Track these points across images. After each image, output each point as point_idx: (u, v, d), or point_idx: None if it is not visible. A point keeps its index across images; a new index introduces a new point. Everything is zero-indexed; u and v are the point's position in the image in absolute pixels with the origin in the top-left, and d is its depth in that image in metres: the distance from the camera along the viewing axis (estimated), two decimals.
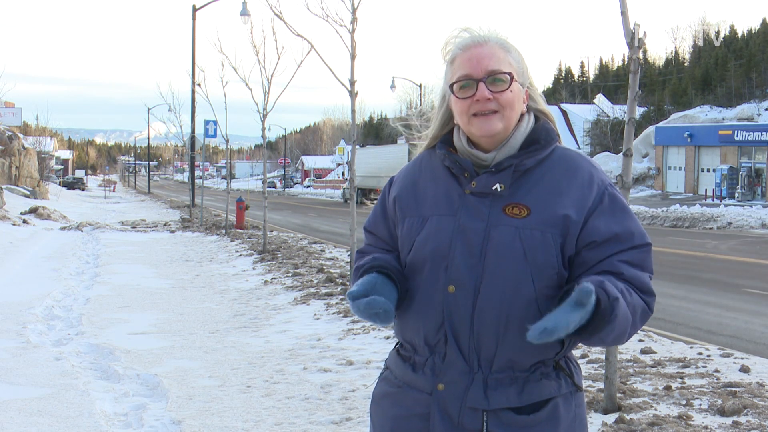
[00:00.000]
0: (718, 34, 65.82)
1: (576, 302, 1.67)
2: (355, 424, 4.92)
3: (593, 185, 1.89)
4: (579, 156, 1.95)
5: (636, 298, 1.83)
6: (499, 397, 1.84)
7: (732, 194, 40.90)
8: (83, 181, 72.31)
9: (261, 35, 16.88)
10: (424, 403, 1.90)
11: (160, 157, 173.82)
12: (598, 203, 1.87)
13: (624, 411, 4.89)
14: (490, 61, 1.87)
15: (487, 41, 1.91)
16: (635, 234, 1.87)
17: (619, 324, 1.77)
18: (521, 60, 1.94)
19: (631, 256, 1.86)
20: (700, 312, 9.59)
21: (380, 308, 1.81)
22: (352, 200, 9.72)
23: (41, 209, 26.28)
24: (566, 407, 1.89)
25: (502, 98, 1.87)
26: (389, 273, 1.92)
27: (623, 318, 1.77)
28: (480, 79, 1.87)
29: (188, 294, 10.41)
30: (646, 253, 1.89)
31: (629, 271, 1.84)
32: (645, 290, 1.86)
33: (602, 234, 1.85)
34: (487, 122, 1.88)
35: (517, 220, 1.85)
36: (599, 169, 1.94)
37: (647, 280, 1.87)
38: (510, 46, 1.93)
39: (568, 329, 1.68)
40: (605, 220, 1.86)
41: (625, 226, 1.87)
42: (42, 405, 5.34)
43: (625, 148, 5.03)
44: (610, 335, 1.77)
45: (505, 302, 1.82)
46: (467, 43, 1.91)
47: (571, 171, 1.90)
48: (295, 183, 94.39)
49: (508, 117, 1.89)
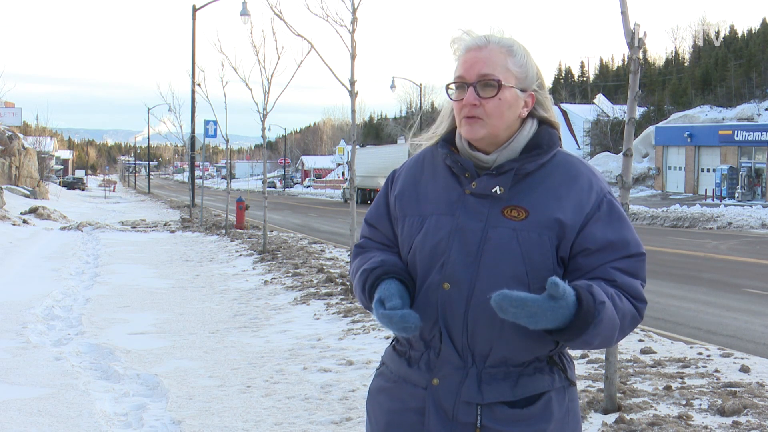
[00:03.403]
0: (718, 34, 65.90)
1: (548, 295, 1.70)
2: (355, 424, 4.92)
3: (592, 192, 1.90)
4: (579, 162, 1.96)
5: (627, 305, 1.85)
6: (492, 392, 1.86)
7: (732, 194, 40.92)
8: (83, 181, 72.29)
9: (261, 35, 16.88)
10: (420, 398, 1.92)
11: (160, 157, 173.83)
12: (596, 210, 1.89)
13: (624, 411, 4.89)
14: (484, 66, 1.88)
15: (488, 44, 1.91)
16: (630, 243, 1.89)
17: (605, 328, 1.79)
18: (526, 63, 1.92)
19: (624, 265, 1.88)
20: (700, 312, 9.59)
21: (413, 324, 1.83)
22: (352, 200, 9.72)
23: (41, 209, 26.28)
24: (559, 401, 1.92)
25: (488, 105, 1.88)
26: (406, 281, 1.93)
27: (609, 322, 1.79)
28: (471, 83, 1.89)
29: (188, 294, 10.42)
30: (641, 262, 1.91)
31: (622, 278, 1.86)
32: (637, 297, 1.88)
33: (597, 241, 1.87)
34: (470, 128, 1.90)
35: (515, 222, 1.87)
36: (599, 177, 1.95)
37: (640, 288, 1.89)
38: (515, 50, 1.92)
39: (538, 317, 1.70)
40: (601, 227, 1.88)
41: (621, 234, 1.89)
42: (42, 405, 5.34)
43: (625, 148, 5.03)
44: (595, 339, 1.79)
45: None
46: (470, 45, 1.93)
47: (571, 177, 1.91)
48: (295, 183, 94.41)
49: (492, 125, 1.90)
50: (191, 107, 29.84)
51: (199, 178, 34.01)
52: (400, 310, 1.84)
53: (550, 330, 1.77)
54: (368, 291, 1.95)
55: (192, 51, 28.55)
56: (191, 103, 29.78)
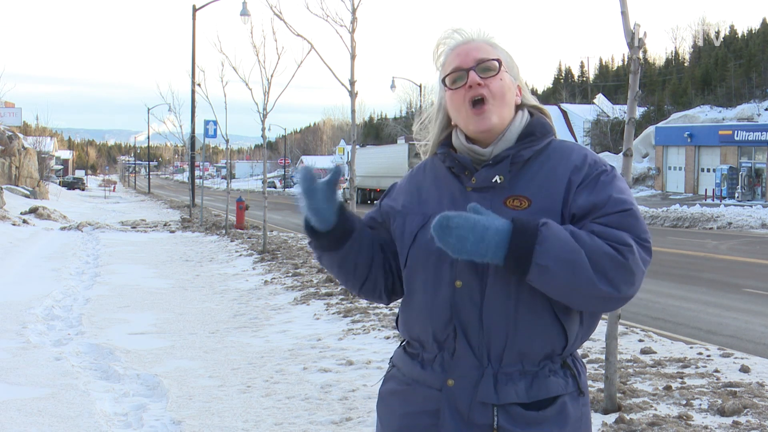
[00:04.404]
0: (718, 34, 65.85)
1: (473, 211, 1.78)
2: (355, 424, 4.92)
3: (585, 164, 1.89)
4: (575, 144, 1.98)
5: (598, 242, 1.75)
6: (508, 392, 1.85)
7: (732, 194, 40.92)
8: (83, 181, 72.29)
9: (261, 35, 16.90)
10: (434, 400, 1.90)
11: (160, 157, 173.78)
12: (586, 179, 1.87)
13: (624, 411, 4.89)
14: (478, 52, 1.94)
15: (473, 39, 1.99)
16: (611, 200, 1.82)
17: (559, 250, 1.72)
18: (509, 58, 2.00)
19: (607, 220, 1.80)
20: (700, 312, 9.59)
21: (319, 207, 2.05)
22: (352, 200, 9.72)
23: (41, 209, 26.29)
24: (574, 405, 1.90)
25: (493, 85, 1.91)
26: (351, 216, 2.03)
27: (564, 246, 1.72)
28: (470, 67, 1.92)
29: (188, 294, 10.42)
30: (627, 216, 1.81)
31: (601, 229, 1.78)
32: (618, 241, 1.77)
33: (579, 205, 1.84)
34: (482, 117, 1.91)
35: (518, 212, 1.86)
36: (597, 155, 1.96)
37: (623, 236, 1.77)
38: (497, 45, 2.00)
39: (478, 231, 1.73)
40: (586, 192, 1.85)
41: (604, 195, 1.83)
42: (42, 405, 5.34)
43: (625, 148, 5.03)
44: (551, 262, 1.72)
45: (512, 293, 1.83)
46: (455, 43, 1.99)
47: (566, 156, 1.92)
48: (296, 183, 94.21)
49: (499, 107, 1.92)
50: (191, 107, 29.85)
51: (199, 178, 34.01)
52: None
53: (506, 257, 1.73)
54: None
55: (192, 51, 28.56)
56: (191, 103, 29.79)
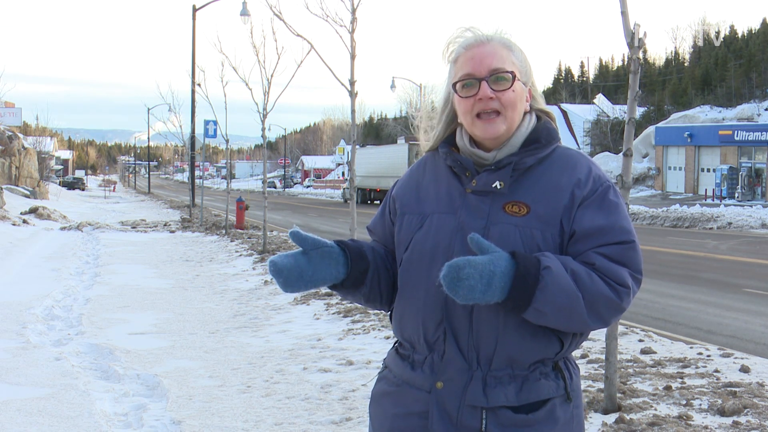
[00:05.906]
0: (718, 34, 65.83)
1: (477, 249, 1.76)
2: (355, 424, 4.92)
3: (590, 179, 1.88)
4: (579, 155, 1.96)
5: (599, 284, 1.77)
6: (497, 396, 1.84)
7: (732, 194, 40.92)
8: (83, 181, 72.28)
9: (261, 35, 16.87)
10: (423, 402, 1.90)
11: (160, 157, 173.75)
12: (590, 195, 1.86)
13: (624, 411, 4.89)
14: (493, 60, 1.88)
15: (490, 40, 1.91)
16: (618, 229, 1.83)
17: (557, 296, 1.73)
18: (524, 59, 1.94)
19: (609, 251, 1.82)
20: (700, 312, 9.59)
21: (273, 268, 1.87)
22: (352, 200, 9.72)
23: (41, 209, 26.28)
24: (564, 408, 1.89)
25: (504, 98, 1.87)
26: (351, 249, 1.96)
27: (562, 292, 1.74)
28: (482, 77, 1.87)
29: (188, 294, 10.42)
30: (629, 250, 1.83)
31: (603, 262, 1.80)
32: (618, 281, 1.80)
33: (584, 226, 1.83)
34: (490, 125, 1.88)
35: (516, 218, 1.85)
36: (599, 168, 1.94)
37: (623, 274, 1.80)
38: (513, 45, 1.93)
39: (485, 276, 1.70)
40: (591, 213, 1.84)
41: (610, 220, 1.84)
42: (42, 405, 5.34)
43: (625, 148, 5.03)
44: (548, 308, 1.74)
45: None
46: (470, 42, 1.92)
47: (570, 167, 1.90)
48: (295, 183, 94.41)
49: (510, 118, 1.89)
50: (191, 107, 29.83)
51: (199, 178, 33.99)
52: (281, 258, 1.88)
53: (505, 300, 1.74)
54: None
55: (192, 51, 28.54)
56: (191, 103, 29.77)
